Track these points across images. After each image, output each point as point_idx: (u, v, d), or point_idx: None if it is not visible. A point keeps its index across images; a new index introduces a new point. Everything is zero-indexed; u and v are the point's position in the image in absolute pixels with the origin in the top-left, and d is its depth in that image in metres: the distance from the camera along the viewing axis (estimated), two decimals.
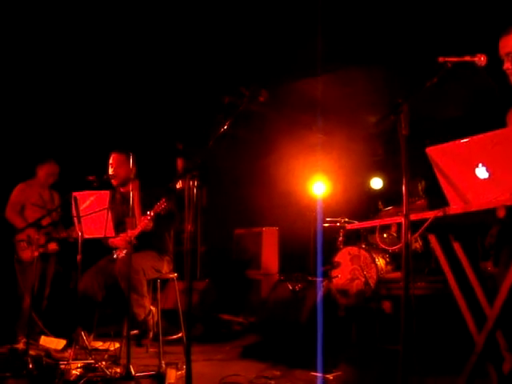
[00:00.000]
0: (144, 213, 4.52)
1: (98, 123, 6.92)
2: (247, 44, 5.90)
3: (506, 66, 2.78)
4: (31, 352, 4.08)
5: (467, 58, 2.50)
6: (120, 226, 4.67)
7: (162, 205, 4.34)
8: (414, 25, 5.35)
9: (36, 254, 4.85)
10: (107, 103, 6.84)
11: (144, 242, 4.57)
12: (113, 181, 4.80)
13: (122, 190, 4.92)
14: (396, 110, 2.40)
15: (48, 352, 4.41)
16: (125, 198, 4.79)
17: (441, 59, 2.48)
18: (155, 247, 4.71)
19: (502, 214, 2.23)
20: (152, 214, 4.38)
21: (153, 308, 4.58)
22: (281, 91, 6.25)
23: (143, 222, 4.43)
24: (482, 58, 2.50)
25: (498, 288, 2.58)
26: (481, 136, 2.37)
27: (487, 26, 4.09)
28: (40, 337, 4.94)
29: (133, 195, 4.11)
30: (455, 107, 6.41)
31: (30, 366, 3.80)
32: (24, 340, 4.48)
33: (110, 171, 4.84)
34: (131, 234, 4.35)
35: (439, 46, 5.02)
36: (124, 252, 4.58)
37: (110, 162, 4.89)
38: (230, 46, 6.00)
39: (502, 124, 2.92)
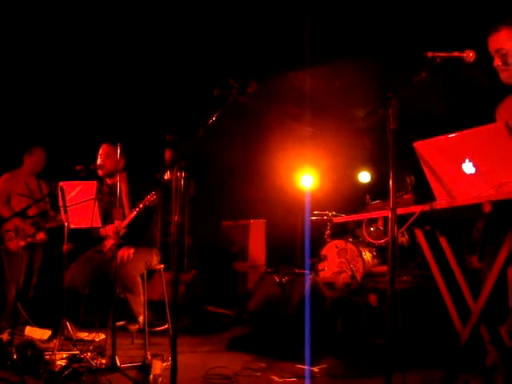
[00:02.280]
0: (132, 205, 4.52)
1: (86, 113, 6.87)
2: (236, 36, 5.88)
3: (496, 62, 2.79)
4: (16, 342, 4.05)
5: (456, 54, 2.51)
6: (108, 217, 4.66)
7: (151, 197, 4.35)
8: (404, 18, 5.35)
9: (22, 243, 4.81)
10: (96, 93, 6.78)
11: (132, 234, 4.56)
12: (100, 171, 4.78)
13: (109, 181, 4.89)
14: (385, 104, 2.40)
15: (33, 342, 4.36)
16: (112, 189, 4.77)
17: (430, 54, 2.48)
18: (144, 239, 4.70)
19: (487, 209, 2.24)
20: (141, 206, 4.38)
21: None
22: (270, 84, 6.24)
23: (133, 214, 4.44)
24: (471, 54, 2.51)
25: (482, 283, 2.60)
26: (468, 131, 2.38)
27: (478, 21, 4.10)
28: (25, 327, 4.90)
29: (120, 187, 4.10)
30: (443, 102, 6.43)
31: (15, 356, 3.78)
32: (8, 330, 4.44)
33: (99, 161, 4.82)
34: (118, 224, 4.34)
35: (429, 39, 5.03)
36: (112, 243, 4.57)
37: (100, 152, 4.88)
38: (219, 38, 5.97)
39: (491, 119, 2.93)
